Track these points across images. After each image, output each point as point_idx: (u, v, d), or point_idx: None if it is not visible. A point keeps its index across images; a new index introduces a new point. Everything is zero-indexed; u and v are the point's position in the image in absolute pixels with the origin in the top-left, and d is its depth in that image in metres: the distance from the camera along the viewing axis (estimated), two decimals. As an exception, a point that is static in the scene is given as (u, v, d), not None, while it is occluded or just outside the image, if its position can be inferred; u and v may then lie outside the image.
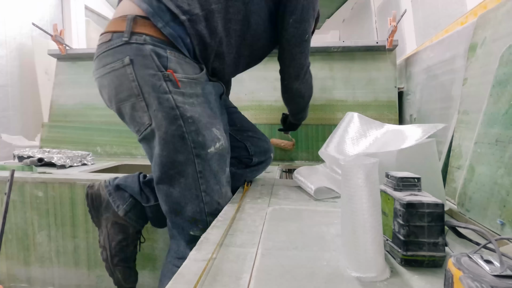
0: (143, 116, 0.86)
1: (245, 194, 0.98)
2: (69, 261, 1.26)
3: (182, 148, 0.86)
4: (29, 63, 2.50)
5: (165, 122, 0.85)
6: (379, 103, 1.78)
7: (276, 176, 1.34)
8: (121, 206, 0.99)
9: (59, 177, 1.27)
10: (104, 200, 1.01)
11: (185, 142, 0.86)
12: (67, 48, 2.03)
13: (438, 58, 1.41)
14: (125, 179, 1.04)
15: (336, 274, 0.50)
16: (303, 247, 0.60)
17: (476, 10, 1.18)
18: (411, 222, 0.51)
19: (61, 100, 2.04)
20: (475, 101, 0.92)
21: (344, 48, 1.83)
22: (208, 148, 0.89)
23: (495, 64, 0.78)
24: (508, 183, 0.66)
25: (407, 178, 0.57)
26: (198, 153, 0.88)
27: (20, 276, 1.30)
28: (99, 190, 1.02)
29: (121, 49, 0.85)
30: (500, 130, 0.72)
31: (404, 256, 0.52)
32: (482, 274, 0.36)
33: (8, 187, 1.06)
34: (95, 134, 1.94)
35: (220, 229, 0.68)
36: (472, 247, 0.58)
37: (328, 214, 0.80)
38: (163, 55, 0.86)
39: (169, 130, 0.85)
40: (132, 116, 0.89)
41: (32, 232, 1.28)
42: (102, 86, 0.92)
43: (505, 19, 0.86)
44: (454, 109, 1.11)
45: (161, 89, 0.84)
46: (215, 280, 0.48)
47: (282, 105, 1.86)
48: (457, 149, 0.96)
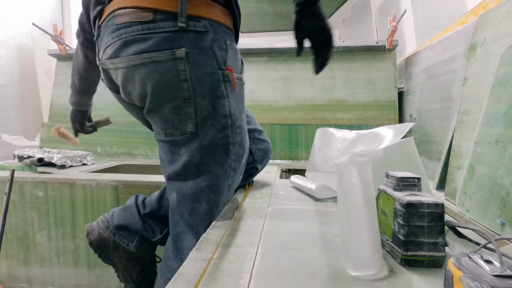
0: (185, 122, 0.71)
1: (246, 194, 0.98)
2: (69, 261, 1.26)
3: (223, 160, 0.74)
4: (29, 63, 2.50)
5: (212, 131, 0.71)
6: (379, 103, 1.78)
7: (276, 176, 1.34)
8: (131, 243, 0.94)
9: (59, 177, 1.27)
10: (110, 241, 0.94)
11: (228, 154, 0.75)
12: (67, 48, 2.03)
13: (438, 58, 1.41)
14: (123, 215, 0.95)
15: (336, 274, 0.50)
16: (303, 247, 0.60)
17: (476, 10, 1.18)
18: (411, 222, 0.51)
19: (61, 100, 2.04)
20: (475, 101, 0.92)
21: (344, 48, 1.83)
22: (243, 160, 0.79)
23: (495, 64, 0.78)
24: (508, 183, 0.66)
25: (407, 178, 0.57)
26: (235, 167, 0.77)
27: (20, 276, 1.30)
28: (101, 235, 0.94)
29: (173, 36, 0.65)
30: (500, 130, 0.72)
31: (404, 256, 0.52)
32: (482, 274, 0.36)
33: (8, 187, 1.06)
34: (95, 134, 1.92)
35: (220, 229, 0.68)
36: (472, 247, 0.58)
37: (328, 214, 0.80)
38: (223, 47, 0.70)
39: (213, 139, 0.72)
40: (167, 119, 0.72)
41: (32, 232, 1.28)
42: (129, 80, 0.70)
43: (505, 19, 0.86)
44: (454, 109, 1.11)
45: (219, 93, 0.70)
46: (215, 280, 0.48)
47: (282, 105, 1.87)
48: (457, 149, 0.96)
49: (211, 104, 0.70)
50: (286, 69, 1.89)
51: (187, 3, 0.65)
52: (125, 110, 0.89)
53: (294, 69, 1.88)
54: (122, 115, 1.95)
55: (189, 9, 0.66)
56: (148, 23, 0.65)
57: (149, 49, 0.65)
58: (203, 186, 0.75)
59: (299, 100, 1.85)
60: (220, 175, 0.76)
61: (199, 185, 0.75)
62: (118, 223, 0.94)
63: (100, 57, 0.76)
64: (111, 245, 0.94)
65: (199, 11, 0.67)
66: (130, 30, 0.66)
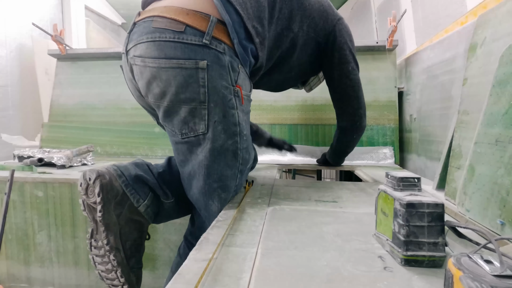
0: (199, 123, 0.83)
1: (246, 194, 0.98)
2: (69, 261, 1.26)
3: (232, 163, 0.87)
4: (29, 63, 2.50)
5: (224, 136, 0.84)
6: (379, 103, 1.78)
7: (276, 176, 1.34)
8: (142, 200, 0.87)
9: (59, 177, 1.27)
10: (119, 192, 0.84)
11: (237, 158, 0.88)
12: (67, 48, 2.03)
13: (438, 58, 1.41)
14: (137, 168, 0.90)
15: (336, 274, 0.50)
16: (303, 247, 0.60)
17: (476, 10, 1.18)
18: (411, 222, 0.51)
19: (61, 100, 2.04)
20: (475, 101, 0.92)
21: (344, 48, 1.83)
22: (248, 164, 0.92)
23: (495, 64, 0.78)
24: (508, 183, 0.66)
25: (407, 178, 0.57)
26: (242, 170, 0.90)
27: (20, 276, 1.30)
28: (111, 181, 0.83)
29: (198, 49, 0.79)
30: (500, 130, 0.72)
31: (404, 256, 0.52)
32: (482, 274, 0.36)
33: (8, 187, 1.06)
34: (95, 134, 1.94)
35: (220, 229, 0.68)
36: (472, 247, 0.58)
37: (328, 214, 0.80)
38: (236, 70, 0.84)
39: (225, 144, 0.85)
40: (185, 119, 0.83)
41: (32, 232, 1.28)
42: (157, 78, 0.82)
43: (505, 19, 0.86)
44: (454, 109, 1.11)
45: (230, 104, 0.83)
46: (215, 280, 0.48)
47: (282, 105, 1.87)
48: (457, 149, 0.96)
49: (222, 112, 0.83)
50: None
51: (214, 28, 0.80)
52: (125, 111, 0.97)
53: (294, 69, 1.88)
54: (122, 115, 1.96)
55: (214, 32, 0.80)
56: (179, 33, 0.79)
57: (178, 56, 0.78)
58: (215, 187, 0.87)
59: (299, 100, 1.85)
60: (229, 177, 0.88)
61: (211, 185, 0.87)
62: (136, 174, 0.88)
63: (127, 49, 0.87)
64: (118, 198, 0.84)
65: (222, 37, 0.82)
66: (163, 35, 0.79)
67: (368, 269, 0.52)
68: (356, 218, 0.77)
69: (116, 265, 0.83)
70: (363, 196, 0.99)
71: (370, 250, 0.59)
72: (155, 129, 1.85)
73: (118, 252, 0.84)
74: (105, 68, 2.01)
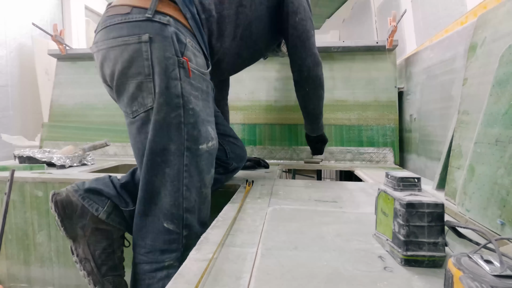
0: (147, 97, 0.83)
1: (246, 194, 0.98)
2: (69, 261, 1.26)
3: (175, 138, 0.84)
4: (29, 63, 2.50)
5: (166, 108, 0.82)
6: (379, 103, 1.78)
7: (276, 176, 1.34)
8: (101, 208, 0.90)
9: (59, 177, 1.27)
10: (78, 206, 0.89)
11: (180, 132, 0.84)
12: (67, 48, 2.03)
13: (438, 58, 1.41)
14: (96, 182, 0.94)
15: (336, 274, 0.50)
16: (303, 247, 0.60)
17: (476, 10, 1.18)
18: (411, 222, 0.51)
19: (61, 100, 2.04)
20: (475, 101, 0.92)
21: (344, 48, 1.83)
22: (200, 144, 0.87)
23: (495, 64, 0.78)
24: (508, 183, 0.66)
25: (407, 178, 0.57)
26: (189, 147, 0.86)
27: (20, 276, 1.30)
28: (68, 197, 0.89)
29: (141, 24, 0.82)
30: (500, 130, 0.72)
31: (404, 256, 0.52)
32: (482, 274, 0.36)
33: (8, 187, 1.06)
34: (95, 134, 1.94)
35: (220, 229, 0.68)
36: (472, 247, 0.58)
37: (328, 214, 0.80)
38: (183, 42, 0.84)
39: (167, 116, 0.83)
40: (133, 95, 0.84)
41: (32, 232, 1.28)
42: (106, 59, 0.85)
43: (505, 19, 0.86)
44: (454, 109, 1.11)
45: (173, 74, 0.82)
46: (215, 280, 0.48)
47: (282, 105, 1.87)
48: (457, 149, 0.96)
49: (165, 83, 0.82)
50: (286, 69, 1.88)
51: (158, 2, 0.83)
52: None
53: (294, 69, 1.88)
54: (122, 115, 1.95)
55: (158, 7, 0.83)
56: (126, 14, 0.83)
57: (123, 34, 0.82)
58: (158, 161, 0.85)
59: (299, 100, 1.84)
60: (173, 151, 0.84)
61: (155, 160, 0.84)
62: (89, 187, 0.91)
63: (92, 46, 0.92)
64: (77, 211, 0.89)
65: (167, 10, 0.84)
66: (113, 20, 0.84)
67: (368, 269, 0.52)
68: (356, 218, 0.77)
69: (87, 274, 0.89)
70: (363, 196, 0.99)
71: (370, 250, 0.59)
72: (155, 129, 1.85)
73: (87, 262, 0.89)
74: (105, 68, 2.01)
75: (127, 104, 0.87)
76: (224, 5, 0.96)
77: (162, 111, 0.82)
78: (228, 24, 0.97)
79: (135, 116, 0.86)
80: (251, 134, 1.85)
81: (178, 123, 0.84)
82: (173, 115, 0.83)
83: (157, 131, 0.83)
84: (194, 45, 0.88)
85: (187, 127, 0.85)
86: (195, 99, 0.87)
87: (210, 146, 0.90)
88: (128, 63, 0.82)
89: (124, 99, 0.87)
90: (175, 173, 0.85)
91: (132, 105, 0.85)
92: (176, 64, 0.82)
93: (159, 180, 0.85)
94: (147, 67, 0.81)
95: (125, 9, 0.84)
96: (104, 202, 0.91)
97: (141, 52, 0.81)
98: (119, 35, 0.82)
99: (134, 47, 0.81)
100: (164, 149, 0.84)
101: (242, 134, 1.83)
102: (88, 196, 0.90)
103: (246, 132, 1.85)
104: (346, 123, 1.79)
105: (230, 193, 1.05)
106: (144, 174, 0.86)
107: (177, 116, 0.83)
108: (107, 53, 0.85)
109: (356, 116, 1.79)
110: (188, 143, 0.85)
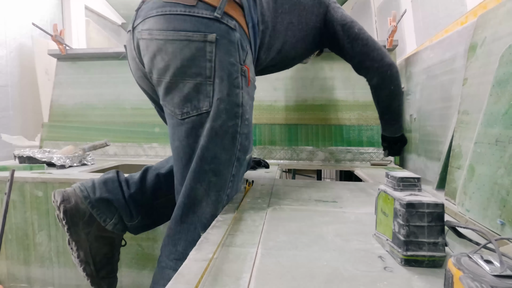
0: (203, 100, 0.78)
1: (246, 194, 0.98)
2: (69, 261, 1.26)
3: (229, 147, 0.81)
4: (29, 63, 2.50)
5: (225, 116, 0.79)
6: (379, 103, 1.78)
7: (276, 176, 1.34)
8: (109, 220, 0.89)
9: (59, 177, 1.27)
10: (86, 214, 0.88)
11: (234, 142, 0.81)
12: (67, 48, 2.03)
13: (438, 58, 1.41)
14: (105, 187, 0.92)
15: (336, 274, 0.50)
16: (303, 247, 0.60)
17: (476, 10, 1.18)
18: (411, 222, 0.51)
19: (61, 100, 2.04)
20: (475, 101, 0.92)
21: (344, 48, 1.83)
22: (247, 154, 0.86)
23: (495, 64, 0.78)
24: (508, 183, 0.66)
25: (407, 178, 0.57)
26: (239, 157, 0.84)
27: (20, 276, 1.30)
28: (77, 204, 0.88)
29: (208, 23, 0.77)
30: (500, 130, 0.72)
31: (404, 256, 0.52)
32: (482, 274, 0.36)
33: (8, 187, 1.06)
34: (95, 134, 1.94)
35: (220, 229, 0.68)
36: (472, 247, 0.58)
37: (328, 214, 0.80)
38: (245, 49, 0.82)
39: (224, 124, 0.79)
40: (188, 96, 0.79)
41: (32, 232, 1.28)
42: (162, 51, 0.79)
43: (505, 19, 0.86)
44: (454, 109, 1.11)
45: (236, 82, 0.79)
46: (215, 280, 0.48)
47: (282, 105, 1.87)
48: (457, 149, 0.96)
49: (226, 89, 0.78)
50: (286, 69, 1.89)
51: (226, 3, 0.78)
52: (125, 111, 0.95)
53: (294, 69, 1.87)
54: (122, 115, 1.96)
55: (226, 8, 0.78)
56: (191, 7, 0.77)
57: (187, 28, 0.76)
58: (206, 169, 0.81)
59: (299, 100, 1.85)
60: (224, 161, 0.81)
61: (202, 167, 0.80)
62: (100, 196, 0.89)
63: (134, 25, 0.84)
64: (85, 218, 0.88)
65: (234, 14, 0.80)
66: (174, 9, 0.77)
67: (368, 269, 0.52)
68: (356, 218, 0.77)
69: (86, 275, 0.90)
70: (363, 196, 0.99)
71: (370, 250, 0.59)
72: (155, 129, 1.85)
73: (87, 265, 0.90)
74: (105, 68, 2.01)
75: (177, 104, 0.81)
76: (277, 19, 0.95)
77: (220, 118, 0.78)
78: (277, 39, 0.96)
79: (185, 118, 0.80)
80: (251, 134, 1.85)
81: (234, 133, 0.81)
82: (231, 124, 0.80)
83: (212, 138, 0.79)
84: (252, 53, 0.86)
85: (241, 137, 0.83)
86: (250, 109, 0.86)
87: (250, 156, 0.90)
88: (188, 61, 0.77)
89: (175, 98, 0.81)
90: (222, 183, 0.83)
91: (184, 106, 0.80)
92: (239, 72, 0.80)
93: (204, 188, 0.81)
94: (209, 69, 0.77)
95: (190, 0, 0.78)
96: (113, 213, 0.91)
97: (204, 52, 0.76)
98: (182, 28, 0.76)
99: (198, 45, 0.76)
100: (215, 157, 0.80)
101: (242, 134, 1.84)
102: (98, 206, 0.89)
103: (246, 132, 1.85)
104: (346, 123, 1.79)
105: (230, 193, 1.05)
106: (189, 180, 0.82)
107: (234, 126, 0.81)
108: (165, 45, 0.77)
109: (356, 116, 1.79)
110: (240, 153, 0.84)
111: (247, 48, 0.82)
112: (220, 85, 0.78)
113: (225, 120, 0.79)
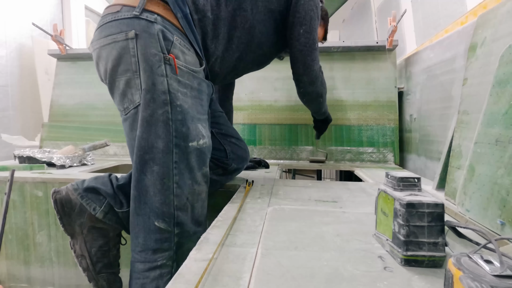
0: (135, 93, 0.84)
1: (246, 194, 0.98)
2: (69, 261, 1.26)
3: (163, 135, 0.83)
4: (29, 63, 2.50)
5: (152, 104, 0.82)
6: (379, 103, 1.78)
7: (276, 176, 1.34)
8: (98, 208, 0.92)
9: (59, 177, 1.27)
10: (76, 204, 0.92)
11: (168, 129, 0.84)
12: (67, 48, 2.03)
13: (438, 58, 1.41)
14: (95, 181, 0.96)
15: (336, 274, 0.50)
16: (303, 247, 0.60)
17: (476, 10, 1.18)
18: (411, 222, 0.51)
19: (61, 100, 2.04)
20: (475, 101, 0.92)
21: (344, 48, 1.83)
22: (190, 142, 0.87)
23: (495, 64, 0.78)
24: (508, 183, 0.66)
25: (407, 178, 0.57)
26: (178, 143, 0.85)
27: (20, 276, 1.30)
28: (68, 195, 0.92)
29: (128, 22, 0.83)
30: (500, 130, 0.72)
31: (404, 256, 0.52)
32: (482, 274, 0.36)
33: (8, 187, 1.06)
34: (95, 134, 1.94)
35: (220, 229, 0.68)
36: (472, 247, 0.58)
37: (328, 214, 0.80)
38: (169, 39, 0.85)
39: (154, 113, 0.83)
40: (124, 92, 0.86)
41: (32, 232, 1.28)
42: (100, 58, 0.88)
43: (505, 19, 0.86)
44: (454, 109, 1.11)
45: (159, 71, 0.83)
46: (215, 280, 0.48)
47: (282, 105, 1.87)
48: (457, 149, 0.96)
49: (151, 79, 0.82)
50: (286, 69, 1.87)
51: (146, 1, 0.84)
52: None
53: (294, 69, 1.88)
54: (122, 115, 1.96)
55: (147, 5, 0.84)
56: (116, 13, 0.85)
57: (113, 32, 0.84)
58: (146, 159, 0.84)
59: (299, 100, 1.84)
60: (162, 150, 0.84)
61: (143, 157, 0.84)
62: (88, 185, 0.93)
63: None
64: (76, 209, 0.92)
65: (155, 9, 0.85)
66: (105, 19, 0.87)
67: (368, 269, 0.52)
68: (356, 218, 0.77)
69: (82, 270, 0.93)
70: (363, 196, 0.99)
71: (370, 250, 0.59)
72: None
73: (83, 258, 0.93)
74: (105, 68, 2.01)
75: (119, 102, 0.88)
76: (220, 7, 0.95)
77: (149, 107, 0.82)
78: (223, 26, 0.97)
79: (127, 113, 0.87)
80: (251, 134, 1.85)
81: (165, 120, 0.83)
82: (160, 112, 0.83)
83: (145, 128, 0.83)
84: (184, 43, 0.88)
85: (175, 123, 0.84)
86: (183, 96, 0.87)
87: (202, 144, 0.89)
88: (117, 60, 0.84)
89: (116, 97, 0.88)
90: (164, 171, 0.84)
91: (123, 102, 0.87)
92: (162, 61, 0.83)
93: (148, 178, 0.84)
94: (134, 64, 0.83)
95: (115, 8, 0.86)
96: (102, 201, 0.93)
97: (128, 49, 0.82)
98: (109, 33, 0.84)
99: (122, 44, 0.83)
100: (152, 147, 0.83)
101: (242, 134, 1.83)
102: (86, 195, 0.92)
103: (246, 132, 1.85)
104: (346, 123, 1.79)
105: (230, 193, 1.05)
106: (134, 172, 0.86)
107: (165, 113, 0.83)
108: (100, 51, 0.87)
109: (356, 116, 1.79)
110: (177, 140, 0.85)
111: (173, 38, 0.85)
112: (144, 76, 0.82)
113: (154, 108, 0.83)
